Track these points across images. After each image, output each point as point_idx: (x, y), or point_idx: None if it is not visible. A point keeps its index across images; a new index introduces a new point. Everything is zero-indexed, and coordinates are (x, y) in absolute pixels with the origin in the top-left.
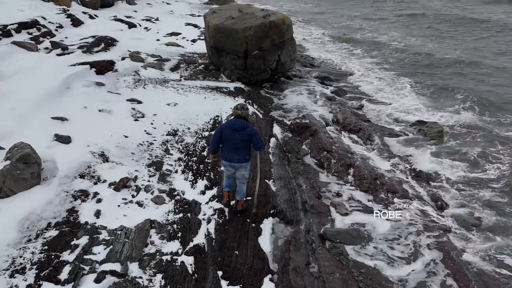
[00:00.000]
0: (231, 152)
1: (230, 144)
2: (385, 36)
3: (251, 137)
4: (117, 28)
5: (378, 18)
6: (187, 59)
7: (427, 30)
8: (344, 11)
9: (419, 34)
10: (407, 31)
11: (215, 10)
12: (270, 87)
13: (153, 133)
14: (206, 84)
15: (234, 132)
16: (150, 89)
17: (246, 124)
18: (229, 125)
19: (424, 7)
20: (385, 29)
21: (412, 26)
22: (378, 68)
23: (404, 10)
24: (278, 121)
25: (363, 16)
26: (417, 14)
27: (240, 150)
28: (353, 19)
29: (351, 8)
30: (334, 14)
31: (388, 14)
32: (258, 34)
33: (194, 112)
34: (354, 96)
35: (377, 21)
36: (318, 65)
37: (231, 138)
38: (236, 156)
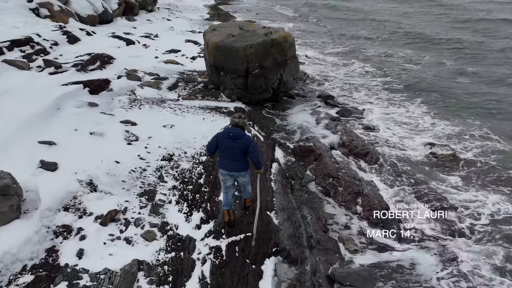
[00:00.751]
0: (229, 160)
1: (227, 153)
2: (393, 54)
3: (247, 146)
4: (115, 45)
5: (386, 37)
6: (186, 78)
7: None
8: (350, 28)
9: (432, 51)
10: (417, 48)
11: (215, 27)
12: (272, 107)
13: (147, 158)
14: (205, 104)
15: (230, 140)
16: (146, 110)
17: (243, 132)
18: (225, 133)
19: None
20: (392, 46)
21: (422, 46)
22: (385, 86)
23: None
24: (280, 144)
25: (368, 34)
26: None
27: (237, 159)
28: (358, 38)
29: (356, 26)
30: (338, 31)
31: (398, 32)
32: (259, 53)
33: (191, 135)
34: (360, 117)
35: (382, 39)
36: (321, 83)
37: (228, 147)
38: (233, 165)
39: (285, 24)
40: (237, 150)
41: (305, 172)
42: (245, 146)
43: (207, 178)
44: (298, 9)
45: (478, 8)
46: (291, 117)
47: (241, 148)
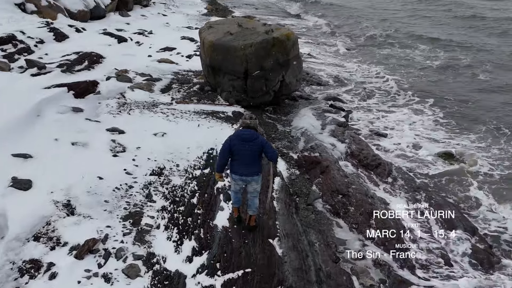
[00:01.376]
0: (241, 165)
1: (240, 156)
2: (408, 53)
3: (262, 147)
4: (105, 42)
5: (397, 35)
6: (181, 78)
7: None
8: (358, 25)
9: (450, 51)
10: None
11: (211, 24)
12: (273, 111)
13: (134, 173)
14: (201, 109)
15: (243, 143)
16: (136, 116)
17: (256, 134)
18: (238, 136)
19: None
20: (408, 39)
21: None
22: (397, 88)
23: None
24: (283, 153)
25: (378, 31)
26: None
27: (251, 162)
28: (366, 35)
29: (363, 23)
30: (345, 29)
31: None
32: (259, 52)
33: (185, 144)
34: (370, 122)
35: (393, 37)
36: (326, 83)
37: (241, 150)
38: (247, 169)
39: (287, 20)
40: (251, 153)
41: (311, 187)
42: (259, 148)
43: (201, 197)
44: (303, 5)
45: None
46: (294, 122)
47: (256, 151)
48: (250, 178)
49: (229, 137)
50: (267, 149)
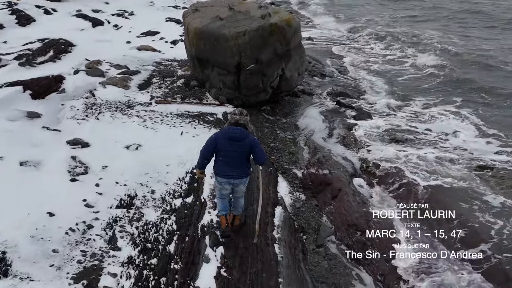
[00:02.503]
0: (228, 166)
1: (226, 157)
2: (420, 35)
3: (251, 148)
4: (78, 26)
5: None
6: (163, 70)
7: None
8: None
9: (473, 34)
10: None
11: (197, 7)
12: (271, 111)
13: (96, 204)
14: (185, 110)
15: (231, 142)
16: (106, 121)
17: (246, 133)
18: (225, 134)
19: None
20: (420, 24)
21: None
22: (416, 79)
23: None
24: (284, 170)
25: (384, 8)
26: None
27: (239, 164)
28: (375, 14)
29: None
30: (352, 8)
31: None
32: (255, 42)
33: (164, 160)
34: (385, 123)
35: (407, 15)
36: (330, 74)
37: (228, 150)
38: (234, 172)
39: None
40: (239, 154)
41: (321, 218)
42: (248, 148)
43: (181, 242)
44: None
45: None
46: (296, 125)
47: (244, 152)
48: (239, 181)
49: (215, 134)
50: (257, 152)
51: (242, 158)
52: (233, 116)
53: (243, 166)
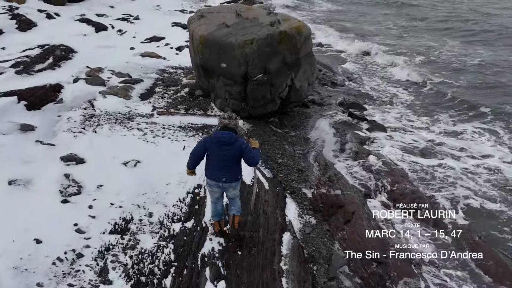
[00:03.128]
0: (218, 170)
1: (216, 162)
2: (434, 42)
3: (241, 152)
4: (80, 32)
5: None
6: (167, 79)
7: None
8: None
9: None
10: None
11: (203, 13)
12: (279, 123)
13: (88, 229)
14: (189, 122)
15: (220, 146)
16: (104, 134)
17: (235, 137)
18: (214, 138)
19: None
20: (432, 33)
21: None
22: (435, 91)
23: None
24: (293, 190)
25: (397, 14)
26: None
27: (229, 168)
28: (384, 20)
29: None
30: (360, 13)
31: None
32: (263, 51)
33: (163, 178)
34: (402, 136)
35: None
36: (342, 83)
37: (217, 154)
38: (224, 175)
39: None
40: (229, 158)
41: (333, 245)
42: (238, 153)
43: (178, 275)
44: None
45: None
46: (306, 139)
47: (234, 156)
48: (228, 185)
49: (205, 138)
50: (246, 155)
51: (231, 162)
52: (222, 120)
53: (233, 170)
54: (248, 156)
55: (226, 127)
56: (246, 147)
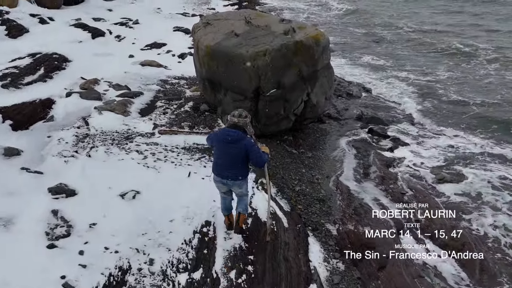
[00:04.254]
0: (223, 166)
1: (222, 158)
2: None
3: (246, 151)
4: (76, 38)
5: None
6: (169, 91)
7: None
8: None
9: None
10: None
11: (209, 20)
12: (294, 141)
13: (78, 284)
14: (194, 142)
15: (225, 144)
16: (99, 159)
17: (242, 135)
18: (221, 136)
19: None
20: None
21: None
22: (460, 100)
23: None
24: (315, 226)
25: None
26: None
27: (233, 165)
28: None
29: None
30: (377, 17)
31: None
32: (277, 63)
33: (166, 213)
34: (429, 156)
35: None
36: (358, 94)
37: (223, 151)
38: (228, 172)
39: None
40: (235, 156)
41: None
42: (243, 151)
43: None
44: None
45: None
46: (324, 161)
47: (239, 154)
48: (231, 182)
49: (211, 134)
50: (252, 154)
51: (236, 160)
52: (231, 118)
53: (237, 168)
54: (254, 156)
55: (235, 125)
56: (253, 146)
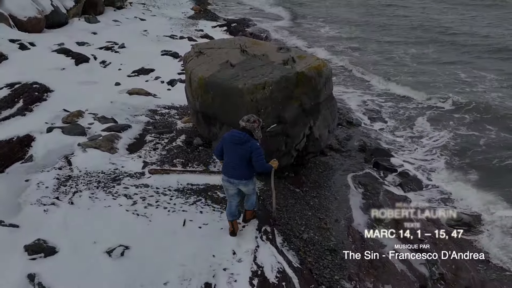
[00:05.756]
0: (230, 167)
1: (229, 158)
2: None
3: (251, 153)
4: (58, 65)
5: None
6: (159, 122)
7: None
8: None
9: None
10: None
11: (201, 48)
12: (296, 178)
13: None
14: (188, 182)
15: (232, 144)
16: (83, 206)
17: (247, 137)
18: (230, 136)
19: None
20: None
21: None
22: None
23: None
24: (329, 285)
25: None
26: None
27: (238, 166)
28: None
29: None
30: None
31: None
32: (277, 96)
33: (159, 274)
34: (445, 191)
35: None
36: (358, 122)
37: (231, 152)
38: (234, 172)
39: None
40: (240, 156)
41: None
42: (248, 153)
43: None
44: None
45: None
46: (331, 201)
47: (244, 155)
48: (238, 181)
49: (224, 136)
50: (255, 158)
51: (242, 161)
52: (240, 122)
53: (243, 168)
54: (256, 159)
55: (244, 129)
56: (257, 150)
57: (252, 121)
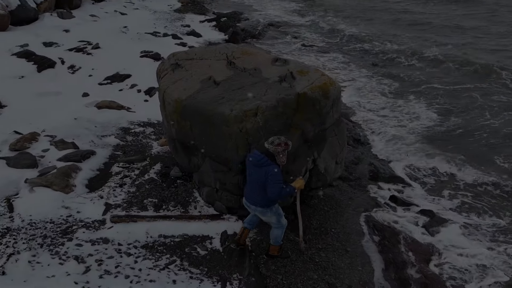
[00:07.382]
0: (248, 189)
1: (248, 181)
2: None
3: (266, 178)
4: (17, 72)
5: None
6: (131, 145)
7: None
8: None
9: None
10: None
11: (178, 59)
12: (295, 221)
13: None
14: (160, 233)
15: (252, 166)
16: (17, 278)
17: (267, 162)
18: (249, 157)
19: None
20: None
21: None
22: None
23: None
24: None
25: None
26: None
27: (255, 190)
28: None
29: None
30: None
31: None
32: (272, 125)
33: None
34: (477, 230)
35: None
36: (365, 140)
37: (249, 173)
38: (250, 196)
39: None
40: (255, 180)
41: None
42: (263, 178)
43: None
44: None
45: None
46: (340, 255)
47: (259, 180)
48: (253, 207)
49: (248, 154)
50: (269, 183)
51: (258, 185)
52: (265, 143)
53: (258, 194)
54: (270, 184)
55: (267, 151)
56: (273, 175)
57: (276, 144)
